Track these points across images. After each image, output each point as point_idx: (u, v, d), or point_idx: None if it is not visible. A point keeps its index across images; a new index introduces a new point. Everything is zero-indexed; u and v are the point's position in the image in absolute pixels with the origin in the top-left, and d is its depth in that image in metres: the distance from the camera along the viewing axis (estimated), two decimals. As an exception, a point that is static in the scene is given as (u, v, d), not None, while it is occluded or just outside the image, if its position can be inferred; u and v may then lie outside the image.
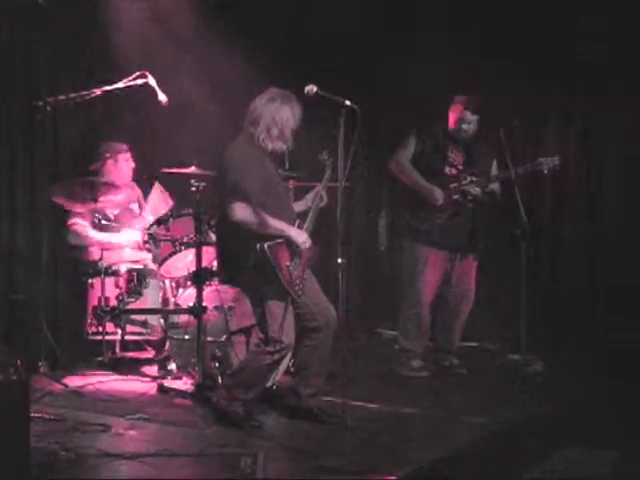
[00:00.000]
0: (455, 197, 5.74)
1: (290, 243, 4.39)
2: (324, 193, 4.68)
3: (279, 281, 4.34)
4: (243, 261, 4.37)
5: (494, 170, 5.87)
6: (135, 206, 6.30)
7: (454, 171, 5.79)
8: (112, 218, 6.09)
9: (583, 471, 4.08)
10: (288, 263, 4.38)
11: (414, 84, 6.70)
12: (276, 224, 4.39)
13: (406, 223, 5.81)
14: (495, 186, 5.84)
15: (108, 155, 6.11)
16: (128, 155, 6.18)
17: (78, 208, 5.81)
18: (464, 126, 5.73)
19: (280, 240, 4.36)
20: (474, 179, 5.73)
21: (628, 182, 6.69)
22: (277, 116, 4.45)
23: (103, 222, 5.86)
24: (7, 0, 5.83)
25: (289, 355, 4.96)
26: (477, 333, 6.71)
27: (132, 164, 6.20)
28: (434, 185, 5.71)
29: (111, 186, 5.84)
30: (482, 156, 5.84)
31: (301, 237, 4.43)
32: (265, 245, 4.29)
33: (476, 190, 5.73)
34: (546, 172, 5.66)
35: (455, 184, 5.74)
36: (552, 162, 5.65)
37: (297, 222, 4.54)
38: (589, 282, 6.80)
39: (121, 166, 6.16)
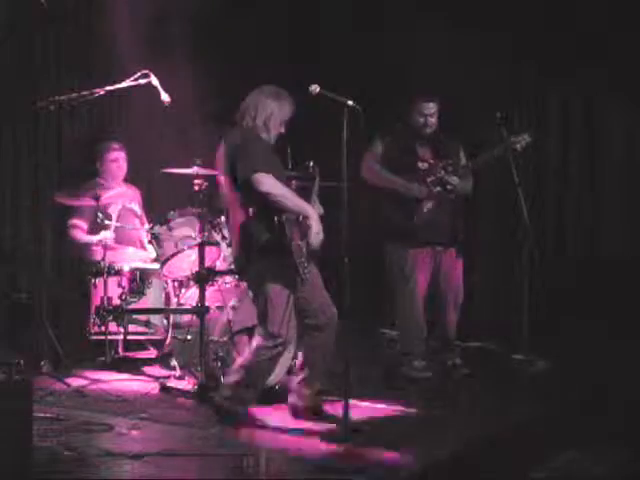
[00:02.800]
0: (435, 190, 5.73)
1: (301, 224, 4.37)
2: (318, 205, 4.64)
3: (290, 261, 4.31)
4: (255, 240, 4.35)
5: (462, 158, 5.87)
6: (136, 206, 6.31)
7: (426, 165, 5.78)
8: (114, 217, 6.11)
9: (586, 471, 4.07)
10: (299, 242, 4.37)
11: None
12: (299, 201, 4.38)
13: (390, 223, 5.79)
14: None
15: (97, 157, 6.17)
16: (117, 153, 6.20)
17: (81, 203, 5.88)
18: (427, 119, 5.71)
19: (293, 217, 4.35)
20: (450, 168, 5.73)
21: (630, 179, 6.69)
22: (260, 107, 4.47)
23: (106, 222, 5.87)
24: (10, 0, 5.84)
25: (291, 355, 4.97)
26: (480, 333, 6.71)
27: (124, 162, 6.23)
28: (410, 181, 5.70)
29: (104, 186, 5.97)
30: (449, 146, 5.84)
31: (318, 225, 4.38)
32: (283, 217, 4.29)
33: (454, 179, 5.73)
34: (520, 149, 5.61)
35: (431, 177, 5.74)
36: (524, 139, 5.62)
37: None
38: (591, 282, 6.79)
39: (110, 165, 6.19)
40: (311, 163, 4.66)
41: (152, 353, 5.96)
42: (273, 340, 4.40)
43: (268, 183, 4.29)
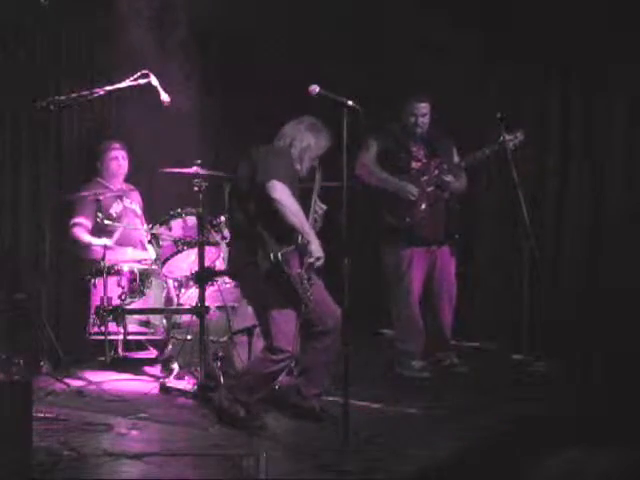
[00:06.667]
0: (429, 189, 5.74)
1: (300, 251, 4.37)
2: (319, 204, 4.63)
3: (291, 289, 4.32)
4: (256, 266, 4.35)
5: (455, 157, 5.88)
6: (137, 207, 6.31)
7: (420, 164, 5.79)
8: (114, 217, 6.11)
9: (585, 471, 4.07)
10: (299, 270, 4.37)
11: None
12: (306, 224, 4.38)
13: (385, 224, 5.78)
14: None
15: (97, 156, 6.18)
16: (117, 153, 6.20)
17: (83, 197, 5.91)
18: (418, 119, 5.74)
19: (292, 248, 4.35)
20: (444, 167, 5.74)
21: (631, 178, 6.67)
22: (298, 139, 4.52)
23: (106, 222, 5.87)
24: (10, 1, 5.84)
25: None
26: (479, 333, 6.71)
27: (124, 161, 6.23)
28: (405, 181, 5.71)
29: (105, 186, 6.02)
30: (442, 145, 5.86)
31: (319, 252, 4.37)
32: (279, 254, 4.28)
33: (448, 178, 5.74)
34: (513, 149, 5.61)
35: (425, 177, 5.75)
36: (517, 138, 5.63)
37: None
38: (591, 282, 6.79)
39: (110, 163, 6.19)
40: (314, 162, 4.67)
41: (152, 353, 5.96)
42: (280, 355, 4.40)
43: (281, 192, 4.29)
